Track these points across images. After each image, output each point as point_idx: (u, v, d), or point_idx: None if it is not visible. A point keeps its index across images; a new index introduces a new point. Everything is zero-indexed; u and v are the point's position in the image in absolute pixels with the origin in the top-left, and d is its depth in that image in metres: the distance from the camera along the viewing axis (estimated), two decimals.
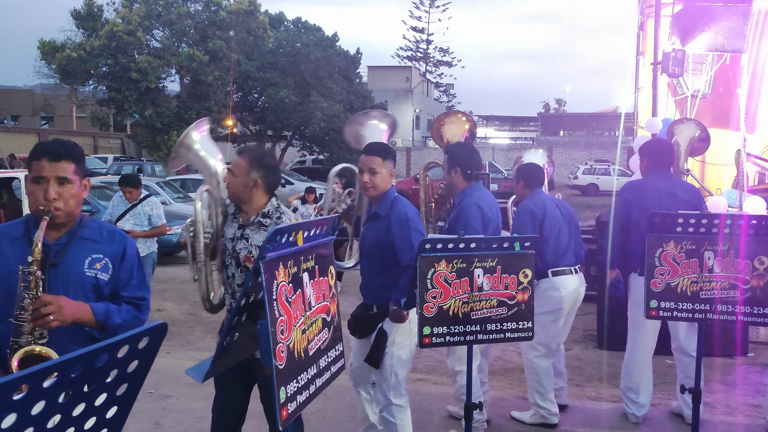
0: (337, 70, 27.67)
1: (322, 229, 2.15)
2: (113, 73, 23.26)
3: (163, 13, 24.61)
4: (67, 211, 2.26)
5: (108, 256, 2.36)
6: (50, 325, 2.11)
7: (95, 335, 2.29)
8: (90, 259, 2.30)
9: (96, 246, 2.32)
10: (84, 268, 2.29)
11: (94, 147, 36.99)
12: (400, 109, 43.02)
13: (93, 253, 2.31)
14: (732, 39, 8.26)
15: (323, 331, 2.11)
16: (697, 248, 3.18)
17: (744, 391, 5.23)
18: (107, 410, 1.38)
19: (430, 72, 59.25)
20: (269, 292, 1.76)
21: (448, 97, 62.30)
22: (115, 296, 2.39)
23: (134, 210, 6.65)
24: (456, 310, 2.98)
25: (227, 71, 24.66)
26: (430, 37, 59.26)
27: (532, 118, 55.39)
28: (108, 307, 2.31)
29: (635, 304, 4.37)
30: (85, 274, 2.30)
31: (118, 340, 1.29)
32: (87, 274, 2.30)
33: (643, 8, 10.36)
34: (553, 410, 4.35)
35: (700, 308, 3.20)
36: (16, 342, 2.09)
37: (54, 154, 2.23)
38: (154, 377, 5.20)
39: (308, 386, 1.97)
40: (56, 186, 2.22)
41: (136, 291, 2.43)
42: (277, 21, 29.20)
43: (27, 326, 2.08)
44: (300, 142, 29.91)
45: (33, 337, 2.10)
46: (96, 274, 2.32)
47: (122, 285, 2.39)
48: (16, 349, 2.07)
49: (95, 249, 2.32)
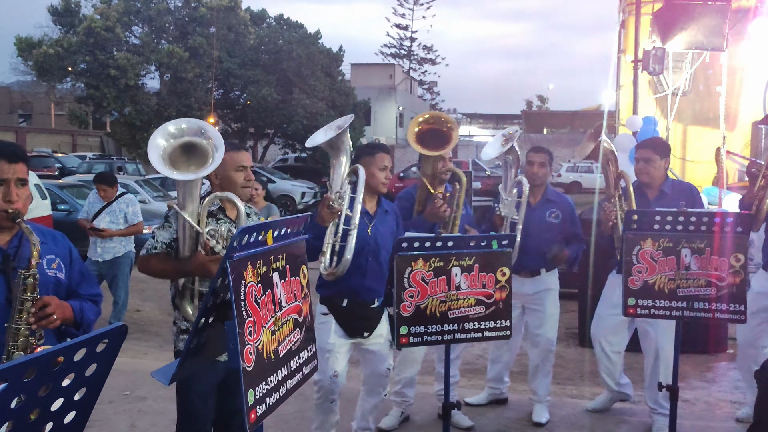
0: (319, 68, 27.53)
1: (294, 229, 2.10)
2: (91, 70, 22.99)
3: (142, 9, 24.37)
4: (24, 213, 2.24)
5: (59, 255, 2.37)
6: (54, 324, 2.16)
7: (72, 332, 2.31)
8: (46, 260, 2.28)
9: (45, 247, 2.29)
10: (45, 269, 2.26)
11: (73, 145, 36.56)
12: (384, 107, 42.96)
13: (46, 254, 2.29)
14: (711, 37, 8.33)
15: (295, 331, 2.07)
16: (675, 245, 3.18)
17: (722, 387, 5.26)
18: (64, 416, 1.33)
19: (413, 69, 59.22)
20: (236, 293, 1.72)
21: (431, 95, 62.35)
22: (72, 295, 2.39)
23: (110, 208, 6.56)
24: (433, 309, 2.95)
25: (208, 68, 24.47)
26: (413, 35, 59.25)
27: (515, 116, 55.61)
28: (82, 305, 2.34)
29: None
30: (47, 275, 2.28)
31: (74, 344, 1.24)
32: (49, 275, 2.29)
33: (624, 6, 10.40)
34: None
35: (678, 306, 3.20)
36: (14, 345, 2.08)
37: (11, 155, 2.20)
38: (130, 379, 5.12)
39: (279, 388, 1.92)
40: (17, 187, 2.19)
41: (91, 288, 2.46)
42: (259, 18, 28.99)
43: (25, 329, 2.10)
44: (282, 140, 29.75)
45: (34, 338, 2.13)
46: (56, 274, 2.32)
47: (77, 283, 2.41)
48: (12, 353, 2.07)
49: (46, 250, 2.30)
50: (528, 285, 4.39)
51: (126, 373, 5.29)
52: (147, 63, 23.81)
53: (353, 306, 3.52)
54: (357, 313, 3.53)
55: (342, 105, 27.93)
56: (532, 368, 4.54)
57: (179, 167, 2.74)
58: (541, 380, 4.50)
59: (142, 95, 23.88)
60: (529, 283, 4.39)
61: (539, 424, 4.38)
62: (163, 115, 23.42)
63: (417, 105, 51.09)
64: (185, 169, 2.73)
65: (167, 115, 23.53)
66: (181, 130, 2.77)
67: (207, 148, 2.76)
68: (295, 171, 25.00)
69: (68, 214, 10.55)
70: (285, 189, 19.92)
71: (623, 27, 10.37)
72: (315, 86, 26.76)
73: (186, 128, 2.79)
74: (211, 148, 2.75)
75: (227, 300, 1.77)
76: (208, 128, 2.82)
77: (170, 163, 2.72)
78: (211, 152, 2.74)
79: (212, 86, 25.68)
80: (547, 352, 4.48)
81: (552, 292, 4.46)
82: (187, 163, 2.77)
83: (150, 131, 22.33)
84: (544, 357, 4.48)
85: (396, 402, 4.33)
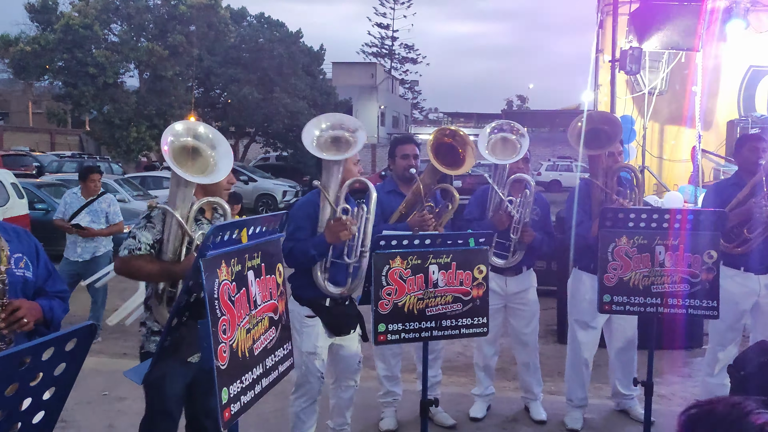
0: (300, 67, 27.44)
1: (270, 227, 2.10)
2: (69, 67, 22.68)
3: (120, 7, 24.08)
4: None
5: (25, 253, 2.35)
6: (28, 327, 2.16)
7: (42, 331, 2.29)
8: (14, 259, 2.26)
9: (11, 246, 2.27)
10: (13, 269, 2.24)
11: (51, 143, 36.05)
12: (365, 106, 42.95)
13: (14, 253, 2.27)
14: (686, 37, 8.43)
15: (270, 330, 2.07)
16: (649, 243, 3.23)
17: (698, 382, 5.32)
18: (33, 416, 1.32)
19: (395, 69, 59.26)
20: (210, 291, 1.72)
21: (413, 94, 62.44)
22: (39, 292, 2.38)
23: (90, 207, 6.47)
24: (411, 306, 2.97)
25: (188, 67, 24.27)
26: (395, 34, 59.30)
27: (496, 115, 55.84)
28: (51, 303, 2.33)
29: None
30: (15, 275, 2.26)
31: (41, 343, 1.23)
32: (17, 275, 2.27)
33: (602, 6, 10.49)
34: None
35: (652, 302, 3.24)
36: None
37: None
38: (109, 379, 5.08)
39: (253, 386, 1.92)
40: None
41: (57, 284, 2.45)
42: (240, 16, 28.82)
43: None
44: (263, 138, 29.61)
45: (4, 343, 2.12)
46: (23, 273, 2.31)
47: (43, 280, 2.40)
48: None
49: (12, 249, 2.28)
50: (511, 284, 4.38)
51: (104, 373, 5.25)
52: (126, 61, 23.51)
53: (336, 304, 3.52)
54: (342, 311, 3.53)
55: (323, 104, 27.85)
56: (522, 366, 4.55)
57: (182, 165, 2.75)
58: (533, 377, 4.53)
59: (121, 93, 23.60)
60: (512, 282, 4.38)
61: (542, 422, 4.40)
62: (142, 114, 23.20)
63: (398, 104, 51.13)
64: (186, 168, 2.75)
65: (147, 114, 23.32)
66: (197, 134, 2.87)
67: (210, 159, 2.85)
68: (276, 170, 24.89)
69: (46, 213, 10.41)
70: (266, 188, 19.84)
71: (601, 27, 10.46)
72: (296, 85, 26.67)
73: (202, 133, 2.89)
74: (216, 160, 2.85)
75: (201, 298, 1.77)
76: (219, 141, 2.91)
77: (174, 159, 2.72)
78: (215, 164, 2.85)
79: (192, 85, 25.49)
80: (534, 349, 4.52)
81: (533, 290, 4.49)
82: (188, 164, 2.78)
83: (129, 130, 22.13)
84: (532, 354, 4.51)
85: (387, 403, 4.33)
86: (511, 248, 4.24)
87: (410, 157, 4.05)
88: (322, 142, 3.31)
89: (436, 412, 4.34)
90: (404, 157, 4.07)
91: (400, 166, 4.08)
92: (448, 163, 3.87)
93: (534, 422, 4.45)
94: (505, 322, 4.52)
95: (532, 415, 4.50)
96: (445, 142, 3.96)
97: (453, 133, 4.00)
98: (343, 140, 3.32)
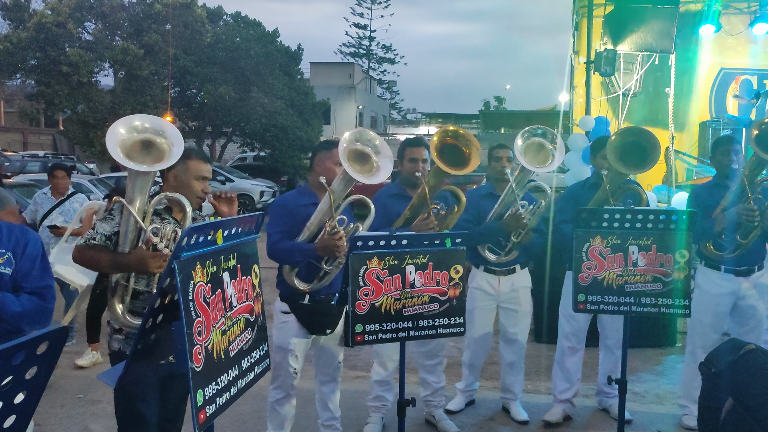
0: (278, 66, 27.28)
1: (245, 228, 2.09)
2: (42, 66, 22.34)
3: (95, 5, 23.77)
4: None
5: (10, 250, 2.37)
6: None
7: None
8: None
9: None
10: None
11: (24, 143, 35.46)
12: (343, 106, 42.86)
13: None
14: (660, 39, 8.55)
15: (246, 331, 2.06)
16: (623, 243, 3.27)
17: (672, 379, 5.41)
18: (4, 420, 1.30)
19: (373, 69, 59.18)
20: (185, 293, 1.70)
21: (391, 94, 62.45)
22: (17, 288, 2.40)
23: (62, 207, 6.38)
24: (388, 307, 2.98)
25: (164, 66, 24.01)
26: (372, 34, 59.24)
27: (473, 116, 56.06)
28: (3, 297, 2.33)
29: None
30: None
31: (12, 346, 1.21)
32: None
33: (578, 8, 10.60)
34: None
35: (626, 301, 3.28)
36: None
37: None
38: (84, 382, 5.03)
39: (229, 388, 1.91)
40: None
41: (38, 281, 2.45)
42: (216, 15, 28.57)
43: None
44: (240, 138, 29.40)
45: None
46: (2, 269, 2.33)
47: (22, 276, 2.41)
48: None
49: None
50: (504, 283, 4.35)
51: (79, 376, 5.20)
52: (101, 60, 23.20)
53: (315, 303, 3.52)
54: (319, 309, 3.53)
55: (301, 104, 27.74)
56: (507, 366, 4.54)
57: (134, 159, 2.72)
58: (516, 378, 4.53)
59: (95, 93, 23.28)
60: (505, 282, 4.34)
61: (524, 422, 4.40)
62: (117, 113, 22.88)
63: (376, 104, 51.12)
64: (140, 162, 2.71)
65: (122, 113, 22.98)
66: (144, 128, 2.77)
67: (164, 146, 2.75)
68: (253, 170, 24.72)
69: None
70: (244, 188, 19.71)
71: (577, 29, 10.57)
72: (273, 85, 26.51)
73: (149, 126, 2.79)
74: (168, 146, 2.74)
75: (176, 300, 1.75)
76: (167, 128, 2.83)
77: (125, 155, 2.70)
78: (168, 150, 2.73)
79: (168, 84, 25.23)
80: (521, 349, 4.51)
81: (526, 290, 4.46)
82: (142, 158, 2.75)
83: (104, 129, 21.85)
84: (518, 355, 4.51)
85: (374, 407, 4.26)
86: (508, 247, 4.24)
87: (418, 161, 3.95)
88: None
89: (441, 418, 4.33)
90: (412, 161, 3.97)
91: (408, 169, 4.00)
92: (454, 164, 3.78)
93: (515, 422, 4.44)
94: (496, 321, 4.51)
95: (513, 415, 4.49)
96: (448, 143, 3.88)
97: (455, 134, 3.93)
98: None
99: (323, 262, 3.40)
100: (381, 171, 3.33)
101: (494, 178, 4.41)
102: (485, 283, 4.35)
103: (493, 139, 38.78)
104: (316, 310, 3.52)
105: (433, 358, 4.30)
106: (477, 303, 4.35)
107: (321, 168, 3.50)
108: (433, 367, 4.32)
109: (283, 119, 25.93)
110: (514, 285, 4.37)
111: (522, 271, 4.42)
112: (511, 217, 4.10)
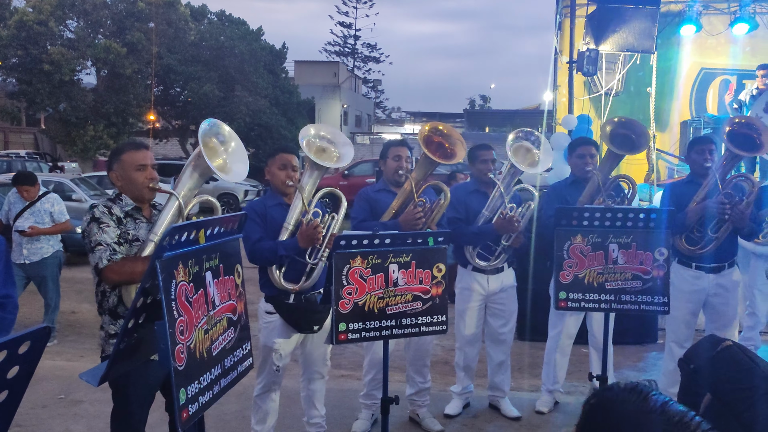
0: (262, 65, 27.22)
1: (228, 227, 2.10)
2: (24, 64, 22.12)
3: (76, 3, 23.56)
4: None
5: None
6: None
7: None
8: None
9: None
10: None
11: (5, 142, 35.03)
12: (328, 105, 42.78)
13: None
14: (641, 39, 8.63)
15: (229, 330, 2.06)
16: (603, 240, 3.31)
17: (653, 375, 5.47)
18: None
19: (357, 68, 59.18)
20: (167, 293, 1.71)
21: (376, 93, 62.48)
22: None
23: (33, 208, 6.29)
24: (371, 305, 2.99)
25: (147, 64, 23.87)
26: (357, 33, 59.22)
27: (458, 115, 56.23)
28: None
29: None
30: None
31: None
32: None
33: (561, 8, 10.68)
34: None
35: (606, 299, 3.33)
36: None
37: None
38: (66, 382, 4.99)
39: (212, 387, 1.92)
40: None
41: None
42: (200, 14, 28.45)
43: None
44: None
45: None
46: None
47: None
48: None
49: None
50: (492, 282, 4.36)
51: (61, 376, 5.15)
52: (83, 58, 23.03)
53: (300, 301, 3.53)
54: (305, 307, 3.54)
55: (285, 103, 27.69)
56: (495, 365, 4.55)
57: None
58: (504, 376, 4.56)
59: (77, 91, 23.10)
60: (493, 281, 4.35)
61: (517, 418, 4.43)
62: (100, 112, 22.74)
63: (361, 103, 51.10)
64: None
65: (104, 112, 22.86)
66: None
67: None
68: None
69: None
70: (227, 187, 19.60)
71: (560, 29, 10.65)
72: (258, 83, 26.44)
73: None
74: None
75: (158, 300, 1.76)
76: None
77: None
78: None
79: (152, 83, 25.07)
80: (509, 348, 4.55)
81: (513, 289, 4.49)
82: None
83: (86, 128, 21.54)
84: (506, 354, 4.54)
85: (366, 405, 4.27)
86: (497, 252, 4.27)
87: (402, 159, 4.02)
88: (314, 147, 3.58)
89: (424, 416, 4.35)
90: (396, 159, 4.04)
91: (391, 167, 4.06)
92: (441, 156, 3.90)
93: (504, 418, 4.47)
94: (484, 323, 4.52)
95: (504, 412, 4.51)
96: (434, 140, 4.01)
97: (439, 131, 4.04)
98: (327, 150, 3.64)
99: (307, 256, 3.41)
100: (343, 157, 3.58)
101: (479, 180, 4.45)
102: (474, 282, 4.37)
103: (477, 139, 38.88)
104: (302, 308, 3.54)
105: (421, 359, 4.33)
106: (467, 303, 4.38)
107: (269, 175, 3.66)
108: (420, 368, 4.34)
109: (268, 118, 25.87)
110: (503, 284, 4.39)
111: (509, 270, 4.45)
112: (503, 220, 4.12)
